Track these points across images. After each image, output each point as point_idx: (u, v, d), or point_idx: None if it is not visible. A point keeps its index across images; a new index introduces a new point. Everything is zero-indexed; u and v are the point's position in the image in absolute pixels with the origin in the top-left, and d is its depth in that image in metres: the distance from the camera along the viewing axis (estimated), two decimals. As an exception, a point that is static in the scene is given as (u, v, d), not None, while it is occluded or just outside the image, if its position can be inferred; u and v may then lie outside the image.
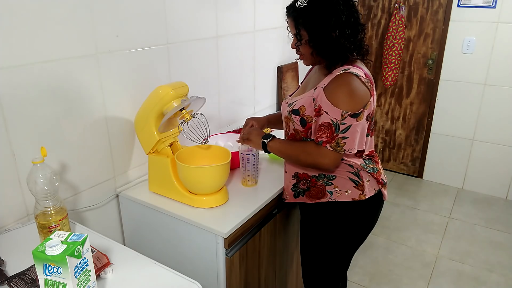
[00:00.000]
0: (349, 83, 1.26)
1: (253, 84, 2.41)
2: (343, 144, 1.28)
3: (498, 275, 2.42)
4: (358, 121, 1.27)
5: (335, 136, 1.27)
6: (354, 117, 1.26)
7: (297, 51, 1.37)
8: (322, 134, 1.29)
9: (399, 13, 3.20)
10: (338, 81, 1.27)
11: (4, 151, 1.22)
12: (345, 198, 1.40)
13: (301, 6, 1.26)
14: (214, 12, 1.94)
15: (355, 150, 1.32)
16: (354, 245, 1.54)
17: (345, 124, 1.26)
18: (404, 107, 3.56)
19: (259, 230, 1.54)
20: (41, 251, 0.84)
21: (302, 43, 1.31)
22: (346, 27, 1.25)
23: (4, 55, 1.16)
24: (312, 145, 1.34)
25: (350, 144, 1.28)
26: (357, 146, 1.31)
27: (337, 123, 1.26)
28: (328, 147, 1.28)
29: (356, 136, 1.29)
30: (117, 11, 1.45)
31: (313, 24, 1.26)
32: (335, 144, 1.28)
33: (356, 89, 1.26)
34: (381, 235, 2.79)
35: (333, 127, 1.26)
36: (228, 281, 1.42)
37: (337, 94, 1.26)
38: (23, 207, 1.31)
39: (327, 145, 1.28)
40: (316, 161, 1.33)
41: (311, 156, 1.33)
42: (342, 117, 1.25)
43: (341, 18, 1.24)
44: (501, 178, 3.29)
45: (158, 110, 1.41)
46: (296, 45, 1.35)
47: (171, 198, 1.50)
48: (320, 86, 1.30)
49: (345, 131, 1.26)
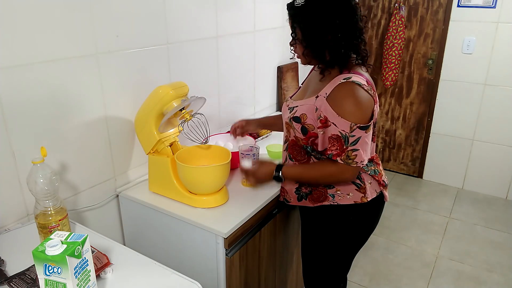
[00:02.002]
0: (354, 94, 1.24)
1: (253, 84, 2.41)
2: (354, 156, 1.26)
3: (498, 275, 2.42)
4: (367, 132, 1.26)
5: (344, 149, 1.25)
6: (363, 129, 1.24)
7: (292, 50, 1.38)
8: (332, 147, 1.27)
9: (399, 13, 3.20)
10: (341, 92, 1.24)
11: (4, 151, 1.22)
12: (347, 201, 1.39)
13: (298, 4, 1.26)
14: (214, 12, 1.94)
15: (366, 162, 1.31)
16: (355, 248, 1.53)
17: (354, 137, 1.24)
18: (404, 107, 3.55)
19: (259, 230, 1.54)
20: (41, 251, 0.84)
21: (296, 42, 1.32)
22: (339, 31, 1.23)
23: (4, 55, 1.16)
24: (328, 166, 1.32)
25: (361, 157, 1.27)
26: (367, 158, 1.31)
27: (346, 135, 1.24)
28: (339, 160, 1.27)
29: (366, 148, 1.28)
30: (117, 11, 1.45)
31: (307, 24, 1.26)
32: (346, 157, 1.26)
33: (361, 100, 1.24)
34: (381, 235, 2.79)
35: (342, 140, 1.25)
36: (228, 281, 1.42)
37: (344, 106, 1.24)
38: (23, 207, 1.31)
39: (337, 158, 1.27)
40: (338, 179, 1.35)
41: (332, 177, 1.35)
42: (351, 129, 1.23)
43: (335, 21, 1.22)
44: (501, 178, 3.29)
45: (158, 110, 1.41)
46: (290, 43, 1.36)
47: (171, 198, 1.50)
48: (323, 95, 1.27)
49: (354, 143, 1.25)
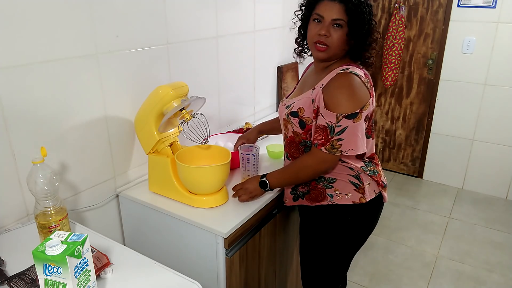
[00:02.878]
0: (350, 84, 1.26)
1: (253, 84, 2.41)
2: (339, 145, 1.27)
3: (498, 275, 2.42)
4: (356, 122, 1.26)
5: (329, 139, 1.27)
6: (349, 118, 1.24)
7: (323, 41, 1.28)
8: (318, 137, 1.30)
9: (399, 13, 3.20)
10: (337, 82, 1.27)
11: (4, 151, 1.22)
12: (346, 201, 1.39)
13: None
14: (214, 12, 1.94)
15: (357, 152, 1.30)
16: (354, 248, 1.53)
17: (341, 126, 1.25)
18: (404, 107, 3.55)
19: (259, 230, 1.54)
20: (41, 251, 0.84)
21: (340, 33, 1.28)
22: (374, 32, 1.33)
23: (4, 55, 1.16)
24: (304, 158, 1.36)
25: (347, 145, 1.27)
26: (359, 148, 1.30)
27: (332, 125, 1.26)
28: (323, 149, 1.28)
29: (355, 138, 1.27)
30: (117, 11, 1.45)
31: (363, 19, 1.27)
32: (330, 146, 1.28)
33: (356, 91, 1.26)
34: (381, 235, 2.79)
35: (328, 130, 1.27)
36: (228, 281, 1.42)
37: (336, 96, 1.26)
38: (23, 207, 1.31)
39: (322, 147, 1.28)
40: (316, 170, 1.36)
41: (309, 168, 1.35)
42: (337, 120, 1.25)
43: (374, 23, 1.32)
44: (501, 178, 3.29)
45: (158, 110, 1.41)
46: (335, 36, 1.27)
47: (171, 198, 1.50)
48: (319, 86, 1.30)
49: (340, 133, 1.26)
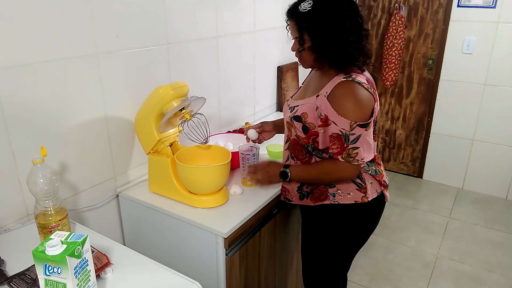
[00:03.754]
0: (354, 92, 1.24)
1: (253, 84, 2.41)
2: (355, 154, 1.27)
3: (498, 275, 2.41)
4: (367, 130, 1.26)
5: (345, 147, 1.26)
6: (363, 127, 1.24)
7: (298, 55, 1.33)
8: (333, 146, 1.28)
9: (399, 13, 3.20)
10: (342, 90, 1.25)
11: (4, 151, 1.22)
12: (348, 201, 1.39)
13: (305, 10, 1.21)
14: (214, 12, 1.94)
15: (368, 159, 1.31)
16: (356, 247, 1.54)
17: (355, 135, 1.24)
18: (404, 107, 3.55)
19: (259, 230, 1.54)
20: (41, 251, 0.84)
21: (305, 48, 1.27)
22: (350, 34, 1.22)
23: (4, 55, 1.16)
24: (329, 163, 1.33)
25: (361, 154, 1.27)
26: (370, 156, 1.30)
27: (346, 133, 1.24)
28: (340, 158, 1.28)
29: (368, 146, 1.28)
30: (117, 11, 1.45)
31: (317, 30, 1.22)
32: (347, 155, 1.27)
33: (361, 98, 1.25)
34: (381, 235, 2.79)
35: (343, 138, 1.25)
36: (228, 281, 1.42)
37: (344, 104, 1.24)
38: (23, 207, 1.31)
39: (338, 156, 1.28)
40: (338, 177, 1.35)
41: (332, 174, 1.35)
42: (351, 128, 1.23)
43: (346, 25, 1.21)
44: (501, 178, 3.29)
45: (158, 110, 1.41)
46: (298, 50, 1.30)
47: (171, 198, 1.50)
48: (323, 94, 1.28)
49: (355, 141, 1.25)
